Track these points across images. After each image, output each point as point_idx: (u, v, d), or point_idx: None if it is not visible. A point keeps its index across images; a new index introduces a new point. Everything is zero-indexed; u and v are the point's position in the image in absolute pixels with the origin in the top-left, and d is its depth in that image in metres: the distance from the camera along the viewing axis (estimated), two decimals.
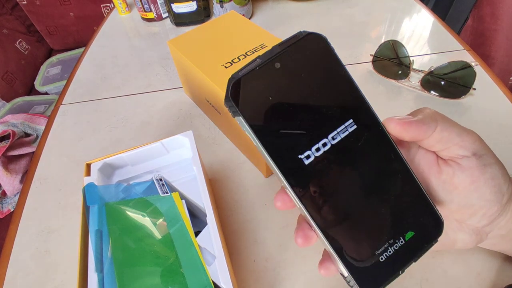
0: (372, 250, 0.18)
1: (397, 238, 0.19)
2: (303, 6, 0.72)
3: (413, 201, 0.19)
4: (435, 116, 0.21)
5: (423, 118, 0.20)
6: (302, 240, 0.19)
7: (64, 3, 1.34)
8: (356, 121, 0.18)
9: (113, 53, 0.66)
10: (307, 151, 0.17)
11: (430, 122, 0.20)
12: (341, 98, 0.18)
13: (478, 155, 0.21)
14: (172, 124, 0.49)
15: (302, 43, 0.17)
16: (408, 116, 0.21)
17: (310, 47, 0.18)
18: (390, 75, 0.52)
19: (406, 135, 0.20)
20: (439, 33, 0.60)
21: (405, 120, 0.20)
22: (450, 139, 0.21)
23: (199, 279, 0.27)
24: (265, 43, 0.42)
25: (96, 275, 0.26)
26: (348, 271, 0.18)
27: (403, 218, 0.19)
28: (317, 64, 0.18)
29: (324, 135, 0.18)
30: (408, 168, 0.19)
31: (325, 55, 0.18)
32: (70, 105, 0.55)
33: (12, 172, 0.77)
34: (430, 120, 0.20)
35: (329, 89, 0.18)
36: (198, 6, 0.67)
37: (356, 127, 0.18)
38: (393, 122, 0.20)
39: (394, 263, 0.19)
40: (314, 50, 0.18)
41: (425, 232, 0.19)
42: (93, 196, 0.30)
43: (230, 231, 0.36)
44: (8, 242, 0.38)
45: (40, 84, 1.28)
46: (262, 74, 0.17)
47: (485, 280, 0.30)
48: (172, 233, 0.29)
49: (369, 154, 0.18)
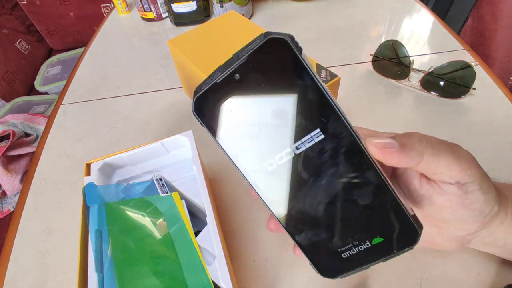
0: (334, 248, 0.19)
1: (363, 241, 0.19)
2: (303, 6, 0.72)
3: (385, 210, 0.18)
4: (422, 146, 0.19)
5: (407, 148, 0.18)
6: (275, 227, 0.21)
7: (64, 3, 1.34)
8: (324, 131, 0.17)
9: (113, 53, 0.66)
10: (269, 160, 0.18)
11: (414, 155, 0.18)
12: (306, 106, 0.17)
13: (461, 184, 0.20)
14: (172, 124, 0.49)
15: (263, 49, 0.16)
16: (390, 140, 0.18)
17: (272, 52, 0.16)
18: (390, 75, 0.52)
19: (386, 162, 0.18)
20: (439, 33, 0.60)
21: (386, 147, 0.18)
22: (436, 170, 0.19)
23: (199, 279, 0.27)
24: None
25: (96, 275, 0.26)
26: (308, 260, 0.20)
27: (370, 224, 0.19)
28: (280, 71, 0.16)
29: (288, 144, 0.18)
30: (382, 179, 0.18)
31: (288, 60, 0.16)
32: (70, 105, 0.55)
33: (12, 172, 0.77)
34: (416, 153, 0.18)
35: (293, 97, 0.17)
36: (198, 6, 0.67)
37: (323, 137, 0.17)
38: (373, 147, 0.18)
39: (358, 260, 0.19)
40: (276, 56, 0.16)
41: (397, 240, 0.19)
42: (93, 196, 0.30)
43: (230, 231, 0.36)
44: (8, 242, 0.38)
45: (40, 84, 1.28)
46: (222, 86, 0.17)
47: (485, 280, 0.30)
48: (172, 233, 0.29)
49: (337, 163, 0.18)
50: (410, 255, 0.32)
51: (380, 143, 0.18)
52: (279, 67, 0.16)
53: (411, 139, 0.19)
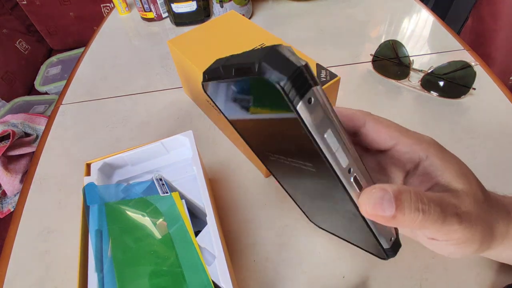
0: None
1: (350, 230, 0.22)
2: (303, 6, 0.72)
3: (362, 232, 0.19)
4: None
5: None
6: None
7: (64, 3, 1.34)
8: (312, 167, 0.16)
9: (113, 53, 0.66)
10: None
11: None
12: (297, 152, 0.16)
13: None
14: (172, 124, 0.49)
15: (255, 82, 0.13)
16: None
17: (264, 91, 0.13)
18: (390, 75, 0.51)
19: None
20: (439, 33, 0.60)
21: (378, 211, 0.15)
22: None
23: (199, 279, 0.27)
24: (265, 43, 0.42)
25: (96, 275, 0.26)
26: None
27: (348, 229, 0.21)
28: (272, 114, 0.14)
29: (283, 156, 0.18)
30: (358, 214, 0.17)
31: (281, 109, 0.13)
32: (70, 105, 0.55)
33: (12, 172, 0.77)
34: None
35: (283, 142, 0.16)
36: (198, 6, 0.67)
37: (314, 171, 0.17)
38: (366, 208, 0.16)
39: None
40: (268, 96, 0.13)
41: (372, 247, 0.20)
42: (93, 196, 0.30)
43: (230, 231, 0.36)
44: (8, 242, 0.38)
45: (40, 84, 1.28)
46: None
47: (485, 280, 0.30)
48: (172, 233, 0.29)
49: (318, 186, 0.18)
50: (410, 255, 0.32)
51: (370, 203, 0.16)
52: (272, 110, 0.14)
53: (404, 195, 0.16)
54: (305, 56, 0.39)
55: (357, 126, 0.21)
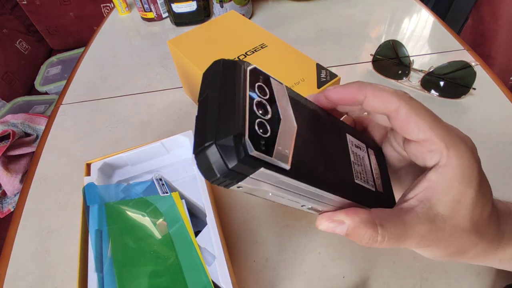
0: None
1: None
2: (303, 6, 0.72)
3: None
4: None
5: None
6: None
7: (64, 3, 1.34)
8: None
9: (113, 53, 0.66)
10: None
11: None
12: None
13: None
14: (172, 124, 0.49)
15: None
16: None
17: None
18: (390, 75, 0.51)
19: None
20: (439, 33, 0.60)
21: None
22: None
23: (199, 279, 0.27)
24: (265, 43, 0.42)
25: (96, 275, 0.26)
26: None
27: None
28: None
29: None
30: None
31: None
32: (70, 105, 0.55)
33: (12, 172, 0.77)
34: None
35: None
36: (198, 6, 0.67)
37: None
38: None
39: None
40: None
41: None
42: (93, 196, 0.30)
43: (230, 231, 0.36)
44: (8, 242, 0.38)
45: (40, 84, 1.28)
46: None
47: (485, 280, 0.30)
48: (172, 233, 0.29)
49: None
50: (410, 255, 0.32)
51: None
52: None
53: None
54: (305, 56, 0.40)
55: (388, 110, 0.18)
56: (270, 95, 0.15)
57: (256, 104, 0.14)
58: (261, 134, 0.13)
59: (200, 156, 0.12)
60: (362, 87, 0.18)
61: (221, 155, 0.12)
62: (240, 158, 0.12)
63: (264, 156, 0.12)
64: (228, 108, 0.13)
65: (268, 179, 0.14)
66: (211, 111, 0.13)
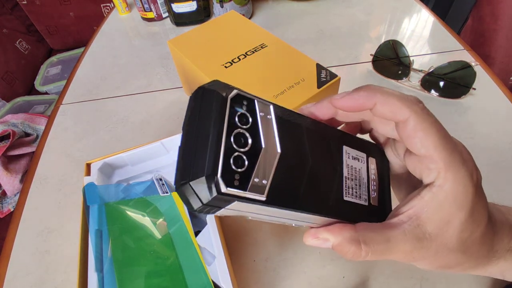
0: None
1: None
2: (303, 6, 0.72)
3: None
4: None
5: None
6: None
7: (64, 3, 1.34)
8: None
9: (113, 53, 0.66)
10: None
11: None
12: None
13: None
14: (172, 124, 0.49)
15: None
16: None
17: None
18: (390, 75, 0.51)
19: None
20: (439, 33, 0.60)
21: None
22: None
23: (199, 279, 0.27)
24: (265, 43, 0.42)
25: (96, 275, 0.26)
26: None
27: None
28: None
29: None
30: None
31: None
32: (70, 105, 0.55)
33: (12, 172, 0.77)
34: None
35: None
36: (198, 6, 0.67)
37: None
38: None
39: None
40: None
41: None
42: (93, 196, 0.30)
43: (230, 231, 0.36)
44: (8, 242, 0.38)
45: (40, 84, 1.28)
46: None
47: (485, 280, 0.30)
48: (172, 233, 0.29)
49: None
50: None
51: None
52: None
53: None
54: (305, 56, 0.40)
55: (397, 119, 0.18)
56: (253, 123, 0.15)
57: (235, 136, 0.14)
58: (235, 169, 0.13)
59: (179, 191, 0.14)
60: (371, 94, 0.17)
61: (195, 193, 0.13)
62: (212, 197, 0.13)
63: (237, 191, 0.13)
64: (203, 146, 0.13)
65: (244, 209, 0.14)
66: (189, 146, 0.14)
